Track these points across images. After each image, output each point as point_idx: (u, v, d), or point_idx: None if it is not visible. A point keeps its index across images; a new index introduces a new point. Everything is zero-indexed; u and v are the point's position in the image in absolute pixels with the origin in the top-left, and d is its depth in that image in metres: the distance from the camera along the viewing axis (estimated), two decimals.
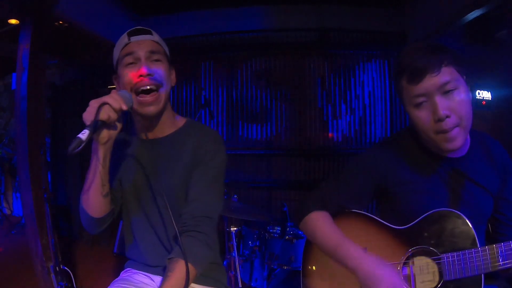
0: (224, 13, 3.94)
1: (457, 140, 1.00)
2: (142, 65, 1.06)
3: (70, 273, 2.43)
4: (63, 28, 3.03)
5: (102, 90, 4.12)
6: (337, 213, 1.21)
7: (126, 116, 1.06)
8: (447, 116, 0.98)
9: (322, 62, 3.96)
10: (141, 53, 1.07)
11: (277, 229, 2.39)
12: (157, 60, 1.09)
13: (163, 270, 1.15)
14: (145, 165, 1.15)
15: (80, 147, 0.82)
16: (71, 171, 4.18)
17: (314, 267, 1.25)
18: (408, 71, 1.01)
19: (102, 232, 1.19)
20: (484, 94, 4.28)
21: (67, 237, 4.07)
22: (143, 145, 1.18)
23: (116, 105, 0.93)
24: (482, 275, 0.99)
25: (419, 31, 3.61)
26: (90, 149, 1.06)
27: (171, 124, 1.20)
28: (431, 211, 1.07)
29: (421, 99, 1.01)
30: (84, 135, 0.83)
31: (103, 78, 4.21)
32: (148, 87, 1.05)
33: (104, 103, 0.92)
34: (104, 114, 0.91)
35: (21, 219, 4.51)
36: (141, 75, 1.04)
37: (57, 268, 2.28)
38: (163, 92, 1.09)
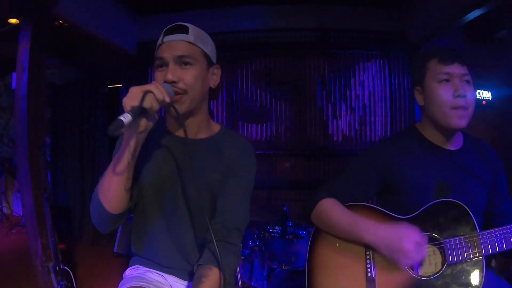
0: (224, 13, 3.94)
1: (464, 121, 1.17)
2: (169, 71, 1.03)
3: (70, 273, 2.43)
4: (63, 28, 3.03)
5: (102, 90, 4.13)
6: (345, 205, 1.28)
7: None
8: (464, 96, 1.16)
9: (322, 62, 3.96)
10: (170, 57, 1.04)
11: (277, 229, 2.39)
12: (187, 64, 1.05)
13: (177, 271, 1.15)
14: (173, 162, 1.11)
15: (121, 129, 0.78)
16: (71, 171, 4.19)
17: (319, 264, 1.28)
18: (444, 54, 1.20)
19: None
20: (484, 94, 4.29)
21: (67, 237, 4.07)
22: (175, 142, 1.14)
23: (160, 95, 0.90)
24: (483, 258, 1.08)
25: (419, 31, 3.61)
26: (89, 150, 1.05)
27: (206, 128, 1.17)
28: (433, 202, 1.17)
29: (445, 77, 1.19)
30: (125, 118, 0.79)
31: (103, 78, 4.22)
32: None
33: (149, 91, 0.89)
34: (147, 102, 0.87)
35: (21, 219, 4.52)
36: (166, 81, 1.02)
37: (57, 268, 2.29)
38: (189, 96, 1.05)
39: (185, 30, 1.07)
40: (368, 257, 1.19)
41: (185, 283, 1.17)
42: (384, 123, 3.93)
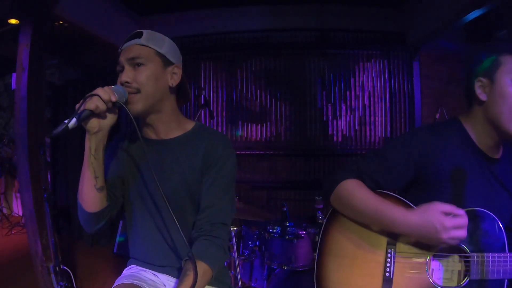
0: (224, 13, 3.94)
1: None
2: (123, 74, 1.09)
3: (70, 273, 2.43)
4: (63, 28, 3.03)
5: None
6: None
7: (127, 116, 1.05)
8: None
9: (322, 62, 3.96)
10: (124, 61, 1.10)
11: (277, 229, 2.38)
12: (139, 65, 1.09)
13: (169, 269, 1.17)
14: (152, 165, 1.13)
15: (61, 129, 0.89)
16: (71, 171, 4.19)
17: (332, 254, 1.19)
18: None
19: (101, 232, 1.19)
20: None
21: (67, 237, 4.07)
22: (149, 145, 1.17)
23: (105, 96, 0.97)
24: (506, 280, 1.02)
25: (419, 31, 3.61)
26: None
27: (177, 126, 1.19)
28: (468, 208, 1.06)
29: None
30: (70, 121, 0.90)
31: (103, 78, 4.22)
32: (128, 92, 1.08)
33: (94, 94, 0.97)
34: (92, 104, 0.95)
35: (21, 219, 4.52)
36: (120, 83, 1.08)
37: (57, 268, 2.28)
38: (142, 95, 1.08)
39: (139, 35, 1.12)
40: (389, 254, 1.11)
41: (177, 281, 1.19)
42: (384, 123, 3.94)
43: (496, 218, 1.05)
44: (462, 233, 0.98)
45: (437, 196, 1.11)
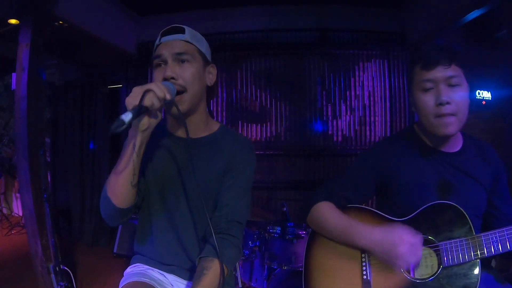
0: (224, 13, 3.94)
1: (451, 127, 1.13)
2: (167, 68, 1.07)
3: (70, 273, 2.43)
4: (63, 28, 3.03)
5: (102, 90, 4.13)
6: (340, 207, 1.27)
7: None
8: (447, 103, 1.11)
9: (322, 62, 3.96)
10: (168, 55, 1.08)
11: (277, 229, 2.39)
12: (184, 61, 1.08)
13: (177, 270, 1.17)
14: (175, 162, 1.15)
15: (122, 128, 0.81)
16: (71, 171, 4.19)
17: (316, 266, 1.28)
18: (424, 59, 1.15)
19: (102, 232, 1.19)
20: (484, 94, 4.29)
21: (67, 237, 4.08)
22: (176, 143, 1.18)
23: (160, 93, 0.93)
24: (479, 261, 1.07)
25: (419, 31, 3.61)
26: (89, 150, 1.06)
27: (204, 127, 1.20)
28: (429, 204, 1.16)
29: (429, 85, 1.14)
30: (126, 117, 0.82)
31: (103, 78, 4.22)
32: None
33: (149, 90, 0.91)
34: (148, 101, 0.90)
35: (21, 219, 4.52)
36: (165, 78, 1.05)
37: (57, 268, 2.29)
38: (188, 94, 1.08)
39: (181, 31, 1.11)
40: (363, 259, 1.20)
41: (185, 282, 1.18)
42: (384, 123, 3.93)
43: (455, 205, 1.13)
44: (418, 252, 1.07)
45: (403, 200, 1.22)
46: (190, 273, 1.17)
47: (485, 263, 1.12)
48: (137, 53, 3.96)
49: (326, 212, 1.24)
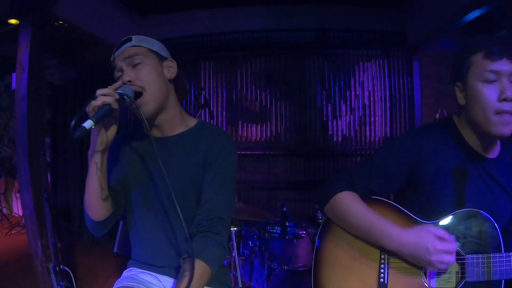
0: (224, 13, 3.94)
1: (510, 127, 1.02)
2: (124, 74, 1.10)
3: (70, 273, 2.43)
4: (63, 28, 3.03)
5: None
6: (363, 198, 1.16)
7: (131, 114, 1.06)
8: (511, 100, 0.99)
9: (322, 62, 3.96)
10: (121, 62, 1.12)
11: (277, 229, 2.38)
12: (137, 64, 1.11)
13: (170, 270, 1.16)
14: (154, 163, 1.16)
15: (79, 132, 0.90)
16: (71, 171, 4.19)
17: (328, 261, 1.20)
18: (490, 47, 1.03)
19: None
20: None
21: (67, 237, 4.07)
22: (151, 143, 1.16)
23: (105, 90, 0.99)
24: (503, 281, 1.01)
25: (419, 31, 3.61)
26: (87, 152, 1.08)
27: (180, 122, 1.20)
28: (461, 210, 1.07)
29: (492, 77, 1.02)
30: (88, 124, 0.91)
31: (103, 78, 4.22)
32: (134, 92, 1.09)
33: (96, 97, 0.98)
34: (98, 101, 0.97)
35: (21, 219, 4.52)
36: (123, 83, 1.08)
37: (57, 268, 2.28)
38: (149, 93, 1.10)
39: (129, 40, 1.15)
40: (382, 261, 1.11)
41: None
42: (384, 123, 3.93)
43: (490, 217, 1.04)
44: (451, 258, 0.99)
45: (432, 198, 1.11)
46: None
47: (509, 282, 1.04)
48: None
49: (351, 204, 1.12)
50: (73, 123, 0.90)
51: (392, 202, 1.16)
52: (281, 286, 2.39)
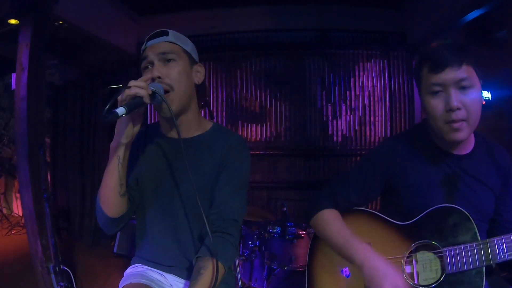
0: (224, 13, 3.94)
1: (462, 133, 1.06)
2: (154, 68, 1.09)
3: (70, 273, 2.43)
4: (63, 28, 3.03)
5: (102, 90, 4.13)
6: (345, 210, 1.27)
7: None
8: (458, 108, 1.03)
9: (322, 62, 3.96)
10: (153, 56, 1.10)
11: (277, 229, 2.38)
12: (170, 60, 1.10)
13: (177, 270, 1.17)
14: (169, 163, 1.16)
15: (114, 119, 0.89)
16: (71, 171, 4.19)
17: (320, 265, 1.28)
18: (432, 61, 1.06)
19: (102, 232, 1.20)
20: (484, 94, 4.29)
21: (67, 237, 4.07)
22: (169, 144, 1.19)
23: (138, 83, 0.97)
24: (483, 268, 1.04)
25: (418, 31, 3.61)
26: (89, 150, 1.07)
27: (197, 126, 1.21)
28: (434, 207, 1.12)
29: (437, 88, 1.06)
30: (121, 111, 0.90)
31: (103, 78, 4.22)
32: None
33: (129, 87, 0.97)
34: (131, 91, 0.95)
35: (21, 219, 4.52)
36: (152, 78, 1.07)
37: (57, 268, 2.28)
38: (176, 93, 1.09)
39: (165, 33, 1.14)
40: None
41: (184, 281, 1.19)
42: (383, 124, 3.93)
43: (462, 209, 1.08)
44: None
45: (406, 200, 1.18)
46: (189, 272, 1.17)
47: (488, 269, 1.08)
48: (137, 53, 3.94)
49: (330, 221, 1.23)
50: (106, 108, 0.88)
51: (371, 210, 1.27)
52: (281, 286, 2.39)
